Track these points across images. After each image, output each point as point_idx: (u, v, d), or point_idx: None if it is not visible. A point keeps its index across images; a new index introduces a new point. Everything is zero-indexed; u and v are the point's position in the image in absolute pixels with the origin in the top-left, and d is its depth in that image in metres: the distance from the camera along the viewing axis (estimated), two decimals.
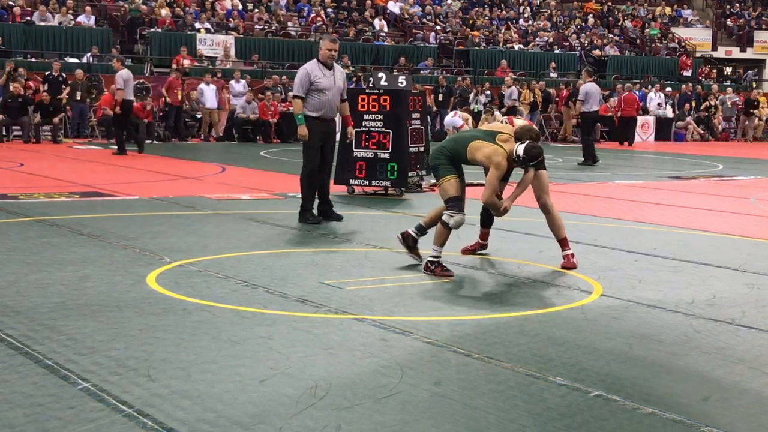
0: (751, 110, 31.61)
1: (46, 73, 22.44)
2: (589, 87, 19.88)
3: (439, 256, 7.40)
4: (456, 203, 7.40)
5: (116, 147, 18.63)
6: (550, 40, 34.97)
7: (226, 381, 4.53)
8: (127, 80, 18.35)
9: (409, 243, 7.84)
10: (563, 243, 7.91)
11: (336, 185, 12.91)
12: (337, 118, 10.42)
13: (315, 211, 10.05)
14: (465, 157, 7.45)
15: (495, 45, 33.27)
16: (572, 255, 7.85)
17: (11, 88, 21.35)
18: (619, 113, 28.09)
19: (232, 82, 24.62)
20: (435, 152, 7.65)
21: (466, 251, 8.36)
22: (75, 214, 10.02)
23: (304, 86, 9.90)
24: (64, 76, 22.70)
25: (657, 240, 9.47)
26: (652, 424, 4.13)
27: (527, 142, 7.41)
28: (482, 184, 8.12)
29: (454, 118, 19.92)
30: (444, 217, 7.43)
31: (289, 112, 24.41)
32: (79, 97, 22.48)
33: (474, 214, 8.39)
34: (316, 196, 10.15)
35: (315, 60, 10.14)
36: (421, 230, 7.84)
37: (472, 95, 26.88)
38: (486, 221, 8.39)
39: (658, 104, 31.22)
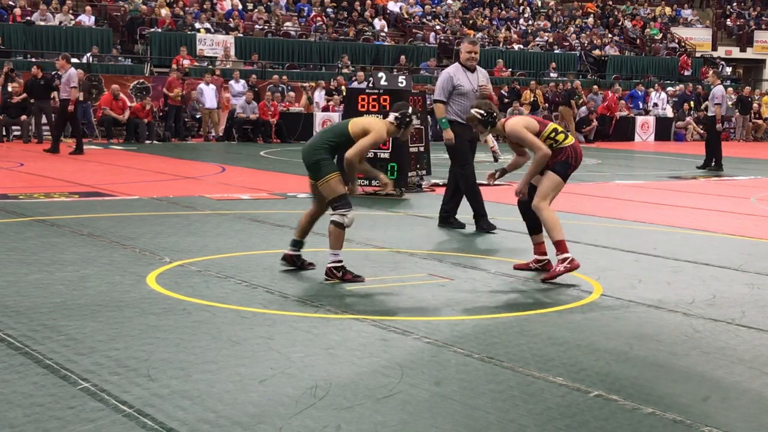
0: (744, 107, 31.62)
1: (53, 72, 22.45)
2: (722, 90, 19.42)
3: (342, 260, 7.00)
4: (346, 201, 7.06)
5: (75, 146, 18.52)
6: (550, 40, 34.97)
7: (226, 381, 4.53)
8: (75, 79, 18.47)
9: (296, 262, 7.36)
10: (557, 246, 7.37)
11: None
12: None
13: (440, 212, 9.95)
14: None
15: (495, 45, 33.27)
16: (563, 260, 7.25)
17: (9, 88, 21.33)
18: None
19: (232, 82, 24.63)
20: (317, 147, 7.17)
21: (519, 267, 7.66)
22: (75, 214, 10.02)
23: (446, 90, 9.73)
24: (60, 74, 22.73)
25: (657, 240, 9.47)
26: (652, 424, 4.13)
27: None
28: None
29: None
30: (336, 218, 7.01)
31: (289, 112, 24.54)
32: (81, 97, 22.46)
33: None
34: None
35: (457, 63, 10.00)
36: (298, 244, 7.39)
37: None
38: (533, 226, 7.58)
39: (654, 104, 31.22)
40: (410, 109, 7.31)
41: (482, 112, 7.52)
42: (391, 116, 7.28)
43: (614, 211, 11.73)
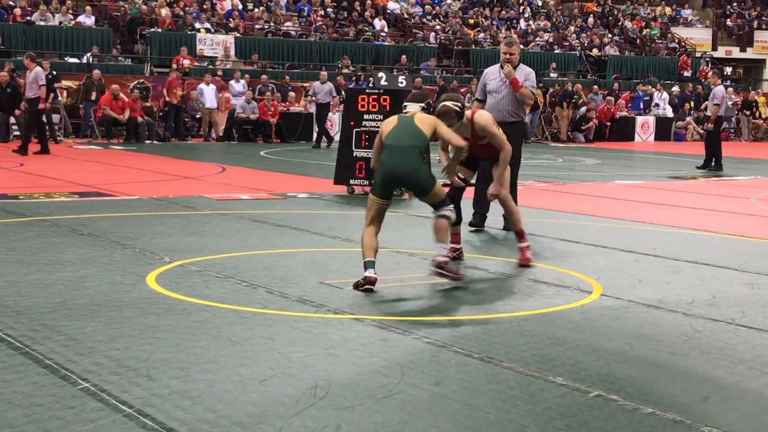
0: (749, 110, 31.75)
1: (53, 73, 22.54)
2: (723, 90, 19.43)
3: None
4: (448, 199, 7.16)
5: (27, 146, 17.83)
6: (550, 40, 34.97)
7: (226, 381, 4.53)
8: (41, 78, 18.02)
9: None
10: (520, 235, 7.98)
11: (336, 185, 12.93)
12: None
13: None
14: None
15: (495, 45, 33.26)
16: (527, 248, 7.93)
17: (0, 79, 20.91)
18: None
19: (232, 82, 24.62)
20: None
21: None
22: (75, 214, 10.02)
23: (480, 89, 10.04)
24: (54, 73, 22.78)
25: (657, 240, 9.47)
26: (652, 424, 4.13)
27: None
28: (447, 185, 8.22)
29: None
30: (447, 213, 7.01)
31: (289, 112, 24.53)
32: (93, 97, 22.51)
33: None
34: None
35: (499, 63, 10.08)
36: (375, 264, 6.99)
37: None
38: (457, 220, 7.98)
39: (656, 104, 31.23)
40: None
41: (459, 105, 7.60)
42: (417, 107, 7.34)
43: (614, 211, 11.73)
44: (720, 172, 18.49)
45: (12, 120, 21.49)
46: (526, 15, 37.50)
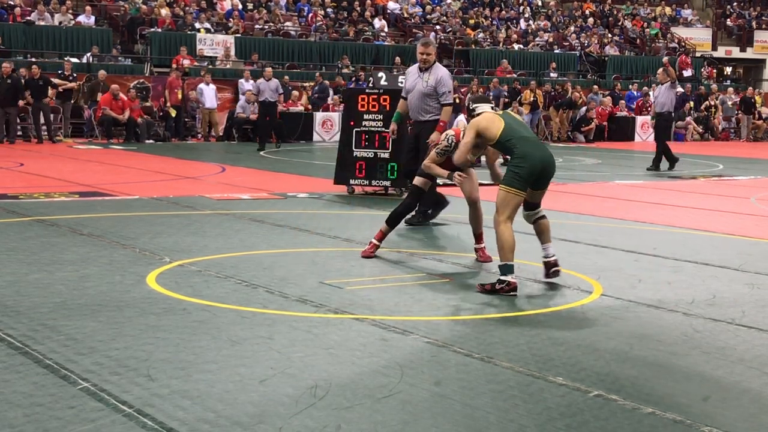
0: (751, 109, 31.79)
1: (59, 72, 22.55)
2: (665, 88, 19.03)
3: None
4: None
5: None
6: (550, 40, 34.97)
7: (226, 381, 4.53)
8: None
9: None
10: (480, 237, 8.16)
11: (336, 185, 12.93)
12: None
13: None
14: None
15: (495, 45, 33.27)
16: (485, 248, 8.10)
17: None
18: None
19: (242, 80, 24.61)
20: None
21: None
22: (75, 214, 10.02)
23: (404, 87, 10.29)
24: (75, 75, 22.85)
25: (657, 240, 9.47)
26: (652, 424, 4.13)
27: None
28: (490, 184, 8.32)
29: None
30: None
31: (289, 112, 24.52)
32: (99, 98, 22.52)
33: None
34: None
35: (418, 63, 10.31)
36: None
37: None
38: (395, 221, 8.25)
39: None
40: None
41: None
42: (488, 106, 7.50)
43: (614, 211, 11.73)
44: (657, 170, 18.11)
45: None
46: (526, 15, 37.49)
